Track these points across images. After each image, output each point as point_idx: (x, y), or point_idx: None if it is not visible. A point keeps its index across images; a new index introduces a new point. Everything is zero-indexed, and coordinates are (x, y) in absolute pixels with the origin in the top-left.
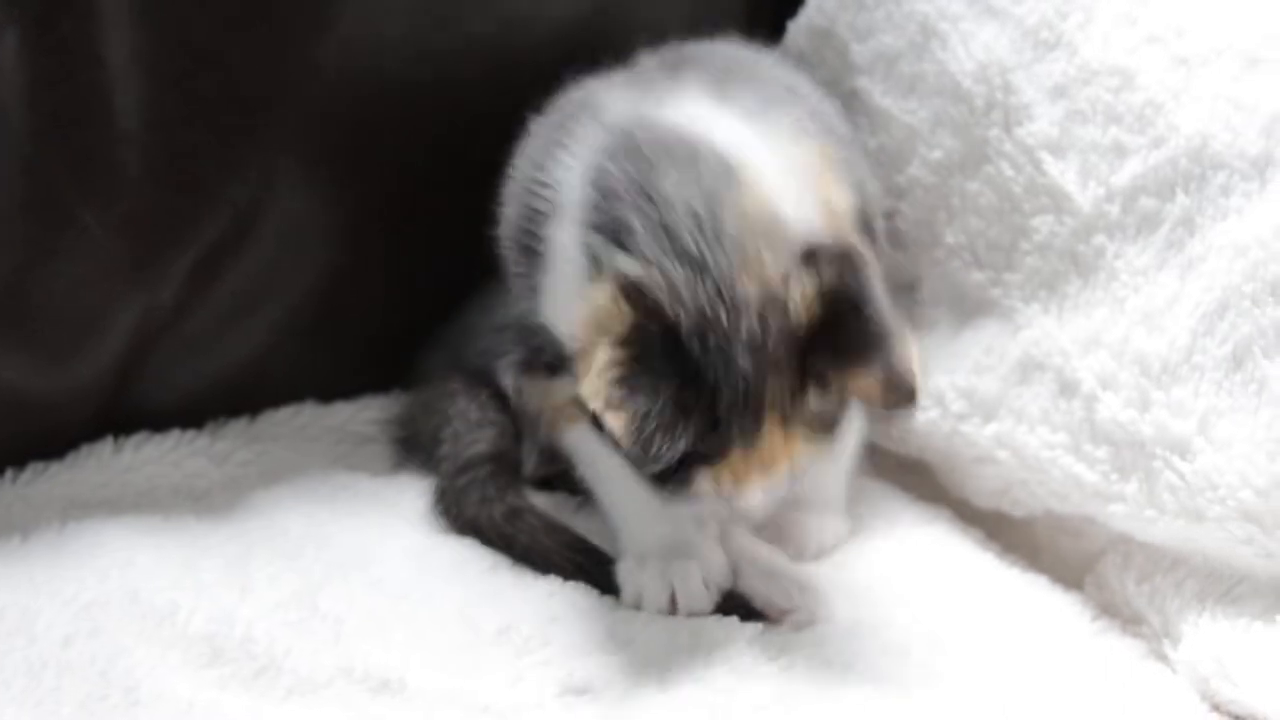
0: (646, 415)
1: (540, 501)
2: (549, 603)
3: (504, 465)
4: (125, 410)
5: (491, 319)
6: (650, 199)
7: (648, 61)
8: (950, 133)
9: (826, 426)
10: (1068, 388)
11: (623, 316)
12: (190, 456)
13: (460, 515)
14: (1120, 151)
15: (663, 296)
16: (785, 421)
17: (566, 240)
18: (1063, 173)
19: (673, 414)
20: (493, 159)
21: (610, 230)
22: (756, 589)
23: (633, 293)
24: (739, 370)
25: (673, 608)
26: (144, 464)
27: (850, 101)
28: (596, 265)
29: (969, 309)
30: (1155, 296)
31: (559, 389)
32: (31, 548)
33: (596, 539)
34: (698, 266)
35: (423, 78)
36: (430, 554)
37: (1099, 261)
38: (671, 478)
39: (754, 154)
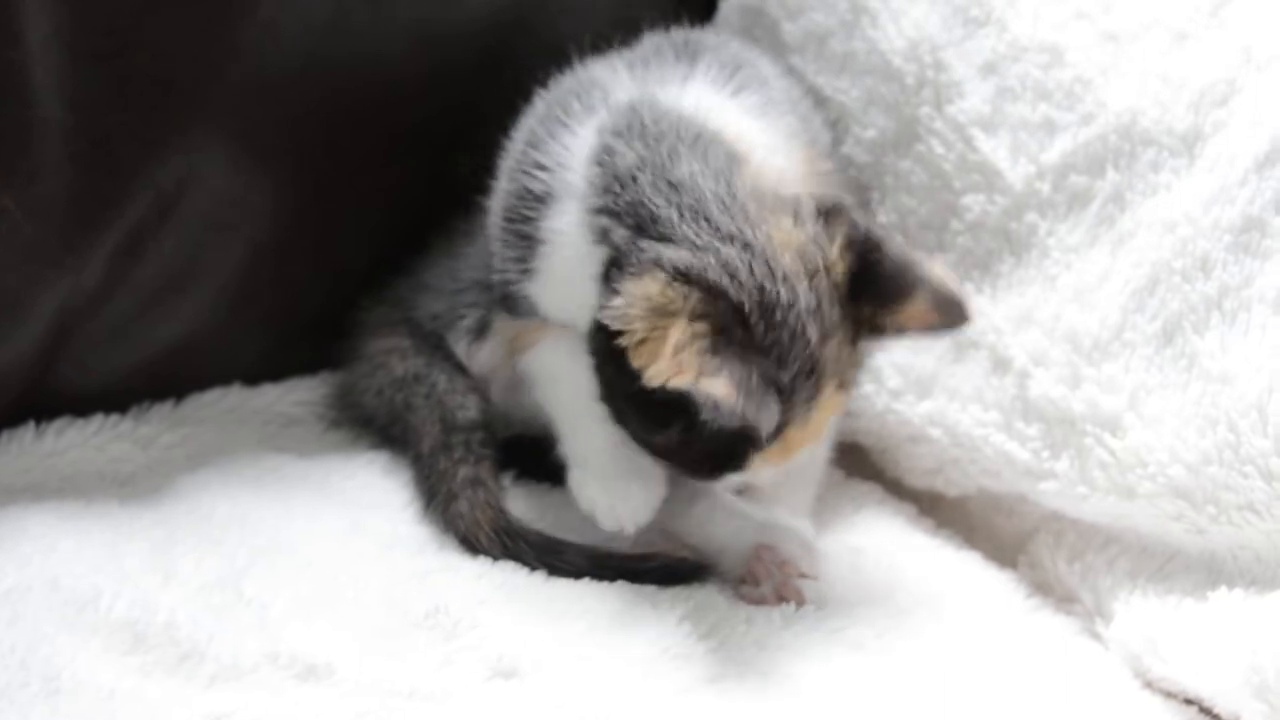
0: (747, 378)
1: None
2: (478, 585)
3: (491, 435)
4: (47, 395)
5: (447, 280)
6: (672, 185)
7: (657, 44)
8: (882, 111)
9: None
10: (1000, 365)
11: (686, 297)
12: (114, 441)
13: (439, 472)
14: (1050, 128)
15: (721, 278)
16: (842, 384)
17: (568, 224)
18: (994, 150)
19: (761, 383)
20: (419, 137)
21: (631, 217)
22: (776, 544)
23: (687, 277)
24: (807, 339)
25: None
26: (67, 449)
27: None
28: (617, 254)
29: None
30: (1086, 273)
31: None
32: None
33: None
34: (742, 244)
35: (348, 57)
36: (358, 537)
37: (1031, 239)
38: (727, 461)
39: (757, 146)
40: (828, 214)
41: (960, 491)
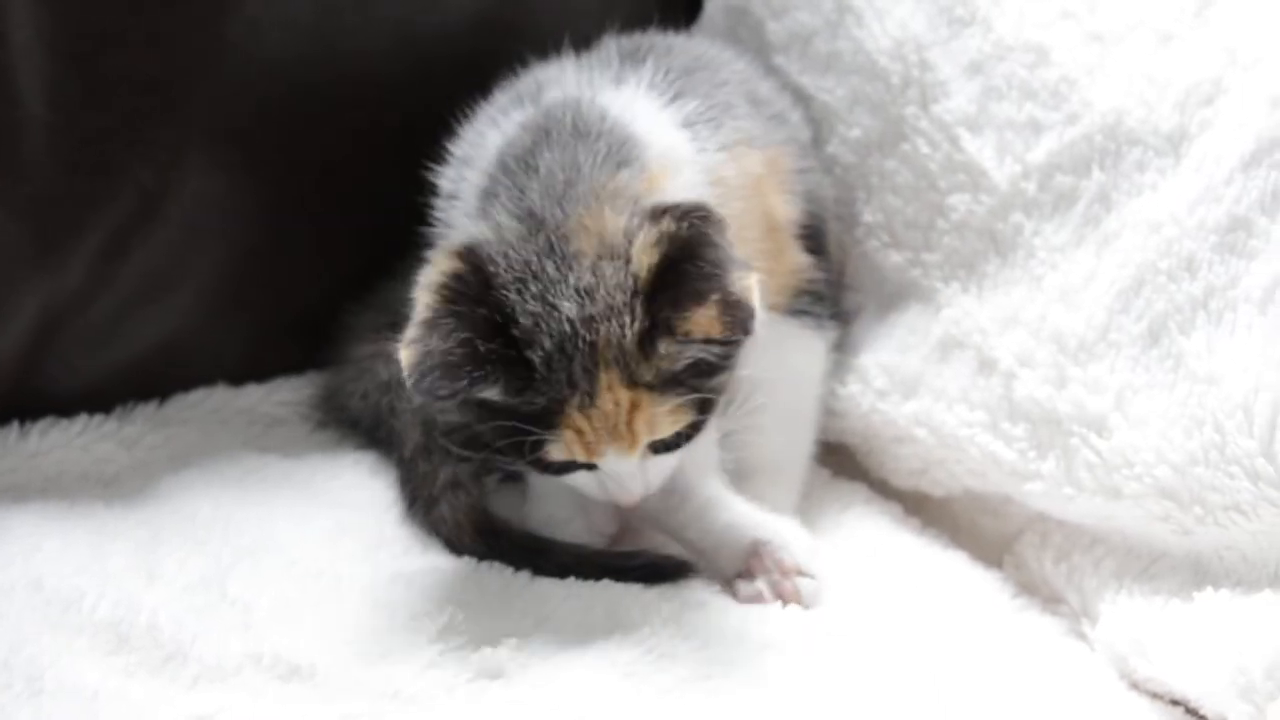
0: (430, 353)
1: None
2: (463, 586)
3: (475, 437)
4: (31, 395)
5: None
6: (528, 169)
7: (610, 48)
8: (867, 111)
9: (677, 386)
10: (986, 366)
11: (448, 270)
12: (98, 441)
13: (420, 475)
14: (1036, 128)
15: (490, 251)
16: (630, 379)
17: (463, 217)
18: (980, 149)
19: (463, 357)
20: (403, 137)
21: (486, 201)
22: (776, 541)
23: (464, 251)
24: (563, 316)
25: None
26: (51, 449)
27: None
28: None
29: (891, 293)
30: (1072, 274)
31: None
32: None
33: None
34: (535, 222)
35: (332, 57)
36: (343, 537)
37: (1017, 239)
38: (525, 446)
39: (674, 153)
40: (655, 212)
41: (946, 492)
